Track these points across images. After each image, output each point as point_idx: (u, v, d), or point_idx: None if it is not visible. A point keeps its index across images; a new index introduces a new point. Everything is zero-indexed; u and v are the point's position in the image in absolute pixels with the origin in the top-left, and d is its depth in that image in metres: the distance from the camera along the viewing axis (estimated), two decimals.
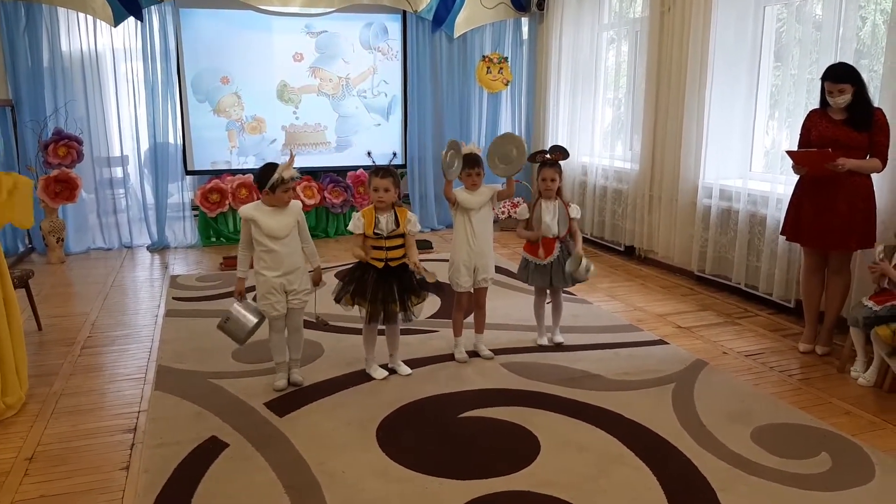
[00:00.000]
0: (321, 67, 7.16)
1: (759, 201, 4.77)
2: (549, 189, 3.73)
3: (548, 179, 3.72)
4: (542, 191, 3.75)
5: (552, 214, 3.73)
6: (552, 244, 3.75)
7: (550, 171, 3.71)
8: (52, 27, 6.24)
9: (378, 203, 3.31)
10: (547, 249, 3.76)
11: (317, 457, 2.74)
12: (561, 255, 3.77)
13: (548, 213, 3.73)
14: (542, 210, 3.74)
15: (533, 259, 3.81)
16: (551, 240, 3.75)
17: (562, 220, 3.74)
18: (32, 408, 3.21)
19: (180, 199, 7.00)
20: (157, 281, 5.56)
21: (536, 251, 3.79)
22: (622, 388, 3.40)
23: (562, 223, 3.75)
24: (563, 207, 3.76)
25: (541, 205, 3.75)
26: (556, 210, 3.74)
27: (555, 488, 2.52)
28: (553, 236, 3.75)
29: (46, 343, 4.09)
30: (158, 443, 2.86)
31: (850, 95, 3.53)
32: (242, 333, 3.27)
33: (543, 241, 3.75)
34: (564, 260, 3.76)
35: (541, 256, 3.77)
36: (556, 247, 3.76)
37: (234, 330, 3.27)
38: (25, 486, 2.57)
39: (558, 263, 3.76)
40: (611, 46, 6.79)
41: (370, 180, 3.34)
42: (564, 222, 3.75)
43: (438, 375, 3.56)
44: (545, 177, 3.72)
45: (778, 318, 4.53)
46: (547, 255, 3.76)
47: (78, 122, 6.38)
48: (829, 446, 2.83)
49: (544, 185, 3.74)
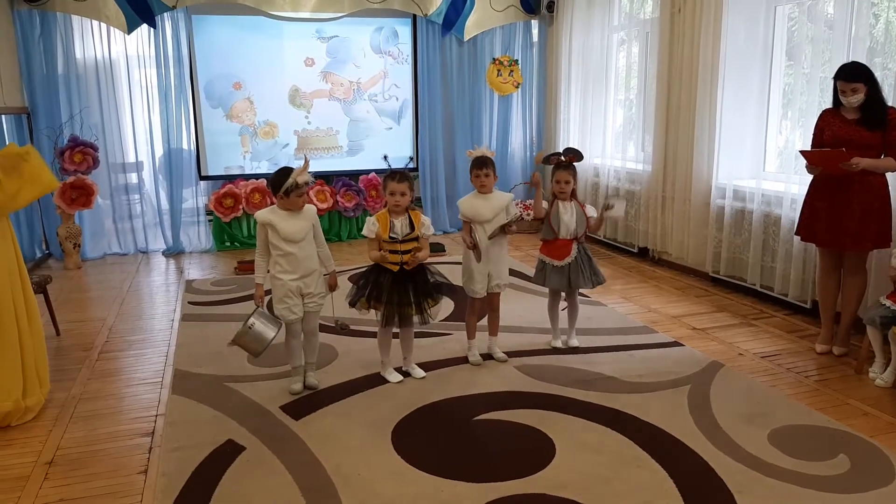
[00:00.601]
0: (332, 72, 7.20)
1: (773, 201, 4.74)
2: (563, 191, 3.74)
3: (562, 181, 3.73)
4: (557, 193, 3.76)
5: (570, 214, 3.74)
6: (569, 245, 3.76)
7: (564, 174, 3.73)
8: (66, 35, 6.31)
9: (394, 207, 3.32)
10: (564, 251, 3.76)
11: (332, 459, 2.75)
12: (579, 255, 3.78)
13: (566, 213, 3.74)
14: (560, 210, 3.75)
15: (550, 261, 3.81)
16: (568, 241, 3.76)
17: (580, 221, 3.75)
18: (51, 412, 3.25)
19: (195, 204, 7.07)
20: (172, 286, 5.61)
21: (553, 253, 3.79)
22: (637, 391, 3.38)
23: (580, 224, 3.75)
24: (579, 208, 3.77)
25: (558, 206, 3.76)
26: (574, 210, 3.76)
27: (570, 491, 2.51)
28: (571, 237, 3.76)
29: (64, 348, 4.14)
30: (176, 446, 2.88)
31: (864, 95, 3.50)
32: (260, 346, 3.24)
33: (560, 242, 3.75)
34: (582, 261, 3.78)
35: (558, 258, 3.77)
36: (573, 248, 3.76)
37: (251, 343, 3.23)
38: (45, 490, 2.59)
39: (576, 265, 3.77)
40: (621, 48, 6.78)
41: (385, 184, 3.35)
42: (582, 223, 3.76)
43: (453, 378, 3.57)
44: (559, 179, 3.73)
45: (794, 319, 4.50)
46: (564, 257, 3.76)
47: (93, 129, 6.45)
48: (847, 448, 2.80)
49: (559, 188, 3.75)
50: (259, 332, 3.22)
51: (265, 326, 3.24)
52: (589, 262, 3.82)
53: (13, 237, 3.23)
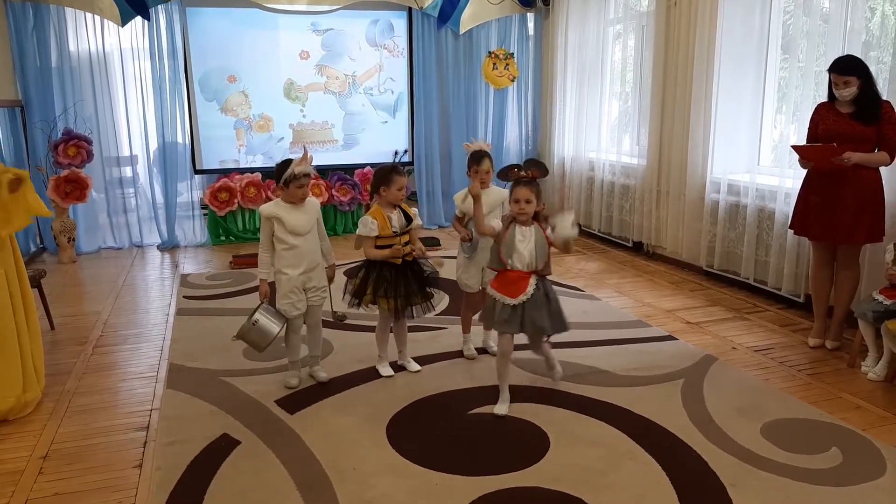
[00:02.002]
0: (327, 65, 7.17)
1: (767, 196, 4.75)
2: (523, 212, 2.96)
3: (521, 201, 2.96)
4: (516, 214, 3.00)
5: (528, 241, 2.97)
6: (525, 280, 2.97)
7: (525, 191, 2.96)
8: (59, 27, 6.28)
9: (396, 201, 3.34)
10: (518, 286, 2.97)
11: (327, 453, 2.76)
12: (537, 293, 2.97)
13: (523, 240, 2.98)
14: (516, 237, 2.98)
15: (501, 297, 3.00)
16: (524, 274, 2.98)
17: (540, 250, 2.97)
18: (46, 406, 3.24)
19: (189, 198, 7.04)
20: (167, 280, 5.60)
21: (504, 287, 3.00)
22: (631, 384, 3.40)
23: (540, 253, 2.97)
24: (541, 234, 2.99)
25: (514, 230, 2.99)
26: (534, 236, 2.98)
27: (564, 484, 2.52)
28: (528, 270, 3.00)
29: (59, 342, 4.13)
30: (171, 440, 2.89)
31: (857, 88, 3.51)
32: (265, 342, 3.24)
33: (513, 275, 2.98)
34: (540, 300, 2.97)
35: (510, 294, 2.98)
36: (530, 283, 2.97)
37: (256, 339, 3.23)
38: (40, 485, 2.59)
39: (533, 304, 2.97)
40: (617, 41, 6.77)
41: (392, 178, 3.30)
42: (543, 253, 2.98)
43: (448, 372, 3.57)
44: (518, 197, 2.96)
45: (787, 312, 4.52)
46: (517, 294, 2.96)
47: (87, 122, 6.43)
48: (840, 441, 2.82)
49: (517, 208, 2.97)
50: (263, 327, 3.22)
51: (270, 322, 3.24)
52: (547, 302, 3.00)
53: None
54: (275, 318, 3.26)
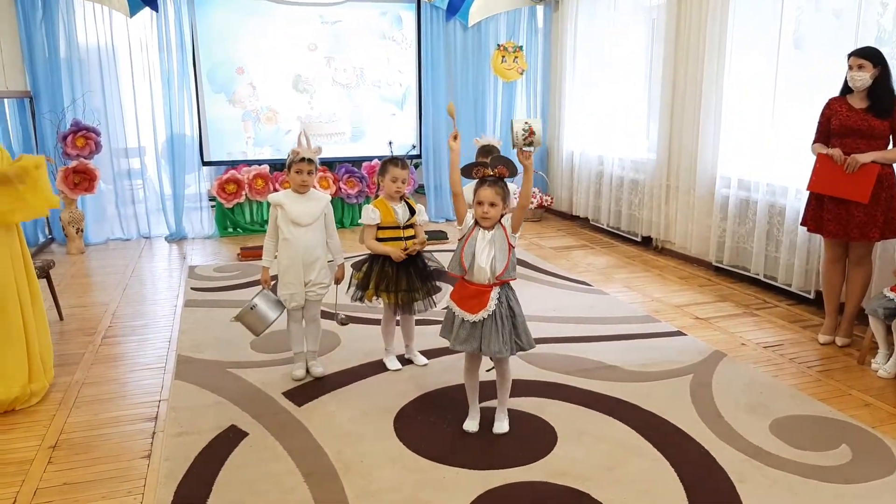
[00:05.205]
0: (335, 57, 7.15)
1: (777, 191, 4.72)
2: (486, 216, 2.65)
3: (485, 203, 2.63)
4: (478, 217, 2.69)
5: (489, 250, 2.66)
6: (485, 294, 2.67)
7: (489, 192, 2.63)
8: (68, 18, 6.28)
9: (395, 193, 3.32)
10: (478, 300, 2.68)
11: (334, 445, 2.76)
12: (499, 308, 2.68)
13: (482, 246, 2.67)
14: (477, 243, 2.68)
15: (460, 312, 2.72)
16: (485, 288, 2.67)
17: (500, 256, 2.66)
18: (55, 396, 3.26)
19: (197, 190, 7.06)
20: (175, 271, 5.61)
21: (464, 302, 2.72)
22: (639, 380, 3.39)
23: (499, 260, 2.65)
24: (503, 238, 2.68)
25: (476, 235, 2.69)
26: (496, 243, 2.67)
27: (571, 479, 2.52)
28: (487, 282, 2.68)
29: (68, 332, 4.15)
30: (179, 431, 2.90)
31: (869, 77, 3.48)
32: (262, 326, 3.30)
33: (473, 288, 2.70)
34: (503, 315, 2.68)
35: (469, 309, 2.69)
36: (492, 296, 2.68)
37: (253, 322, 3.29)
38: (49, 474, 2.61)
39: (493, 322, 2.67)
40: (627, 34, 6.72)
41: (387, 169, 3.31)
42: (503, 259, 2.66)
43: (454, 366, 3.55)
44: (482, 199, 2.64)
45: (797, 309, 4.49)
46: (478, 309, 2.67)
47: (95, 114, 6.44)
48: (849, 438, 2.81)
49: (480, 211, 2.65)
50: (261, 312, 3.27)
51: (268, 308, 3.29)
52: (512, 316, 2.71)
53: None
54: (273, 305, 3.31)
